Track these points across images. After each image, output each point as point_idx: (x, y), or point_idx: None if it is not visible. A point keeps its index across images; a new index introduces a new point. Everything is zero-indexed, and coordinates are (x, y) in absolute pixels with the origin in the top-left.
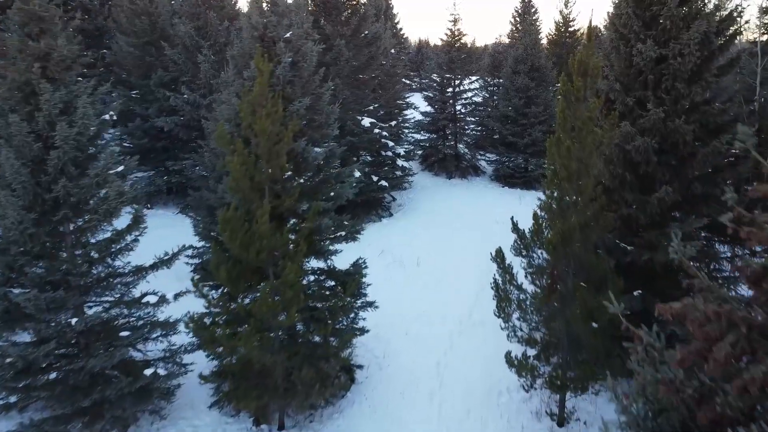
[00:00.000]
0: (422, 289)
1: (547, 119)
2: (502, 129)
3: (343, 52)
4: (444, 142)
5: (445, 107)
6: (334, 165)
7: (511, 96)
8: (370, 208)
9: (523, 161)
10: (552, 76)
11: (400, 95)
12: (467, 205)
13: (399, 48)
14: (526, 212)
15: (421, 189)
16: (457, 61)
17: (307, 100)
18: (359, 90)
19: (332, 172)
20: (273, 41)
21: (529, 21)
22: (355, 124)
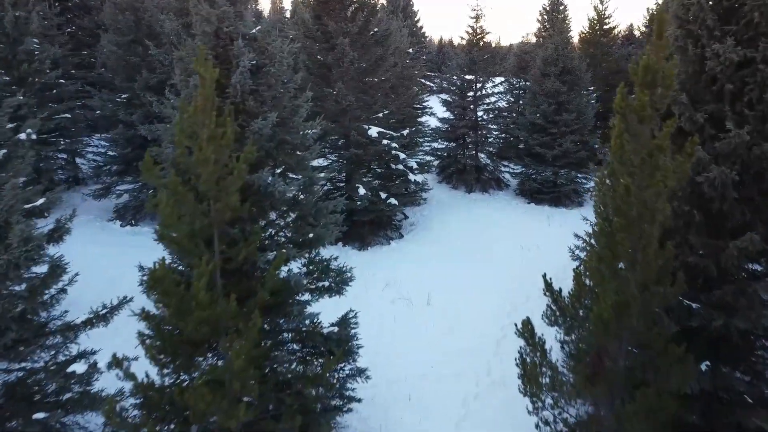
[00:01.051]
0: (432, 335)
1: (580, 128)
2: (529, 138)
3: (347, 51)
4: (464, 151)
5: (465, 113)
6: (314, 198)
7: (539, 101)
8: (378, 228)
9: (552, 175)
10: (586, 80)
11: (416, 99)
12: (488, 226)
13: (418, 47)
14: (555, 236)
15: (437, 205)
16: (479, 62)
17: (274, 115)
18: (366, 95)
19: (310, 209)
20: (230, 38)
21: (558, 19)
22: (361, 134)
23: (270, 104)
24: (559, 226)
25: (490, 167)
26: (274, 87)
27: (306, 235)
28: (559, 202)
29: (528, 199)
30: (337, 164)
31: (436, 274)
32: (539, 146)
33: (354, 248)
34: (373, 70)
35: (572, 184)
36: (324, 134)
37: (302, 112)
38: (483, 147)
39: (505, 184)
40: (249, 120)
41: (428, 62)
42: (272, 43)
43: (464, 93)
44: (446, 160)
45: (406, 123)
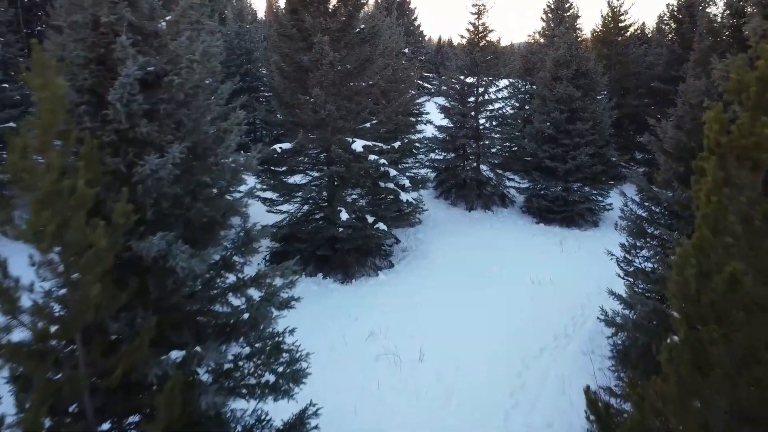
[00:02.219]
0: (424, 407)
1: (596, 139)
2: (538, 150)
3: (326, 51)
4: (463, 163)
5: (465, 120)
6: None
7: (549, 108)
8: (364, 257)
9: (564, 191)
10: (602, 84)
11: (410, 106)
12: (492, 253)
13: (415, 47)
14: (570, 265)
15: (434, 225)
16: (480, 64)
17: (177, 149)
18: (351, 102)
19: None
20: (114, 32)
21: (566, 17)
22: (344, 148)
23: (182, 131)
24: (574, 253)
25: (493, 181)
26: (186, 105)
27: (235, 319)
28: (572, 223)
29: (536, 218)
30: (319, 182)
31: (430, 317)
32: (549, 159)
33: (336, 281)
34: (359, 72)
35: (587, 203)
36: (301, 148)
37: (231, 141)
38: (485, 159)
39: (510, 201)
40: (136, 155)
41: (426, 63)
42: (175, 42)
43: (464, 98)
44: (444, 174)
45: (398, 133)
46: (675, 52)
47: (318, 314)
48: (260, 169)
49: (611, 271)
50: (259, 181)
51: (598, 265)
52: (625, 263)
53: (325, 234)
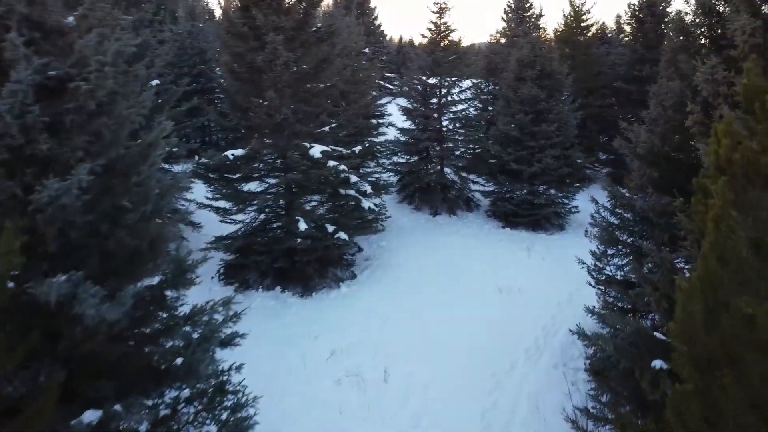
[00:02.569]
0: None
1: (562, 140)
2: (502, 152)
3: (280, 51)
4: (427, 166)
5: (428, 122)
6: None
7: (513, 110)
8: (325, 268)
9: (529, 195)
10: (567, 85)
11: (371, 108)
12: (458, 259)
13: (376, 47)
14: (538, 271)
15: (398, 232)
16: (443, 64)
17: (87, 171)
18: (308, 105)
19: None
20: (4, 27)
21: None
22: (302, 154)
23: (96, 146)
24: (542, 259)
25: (457, 185)
26: (101, 116)
27: (168, 364)
28: (538, 226)
29: (502, 222)
30: (276, 189)
31: (395, 332)
32: (515, 162)
33: (295, 294)
34: (316, 73)
35: (553, 206)
36: (255, 154)
37: (156, 156)
38: (449, 161)
39: (475, 204)
40: (42, 177)
41: (387, 63)
42: (84, 39)
43: (427, 99)
44: (407, 178)
45: (359, 137)
46: (637, 51)
47: (276, 333)
48: (212, 177)
49: (581, 277)
50: (211, 190)
51: (567, 272)
52: (596, 271)
53: (282, 245)
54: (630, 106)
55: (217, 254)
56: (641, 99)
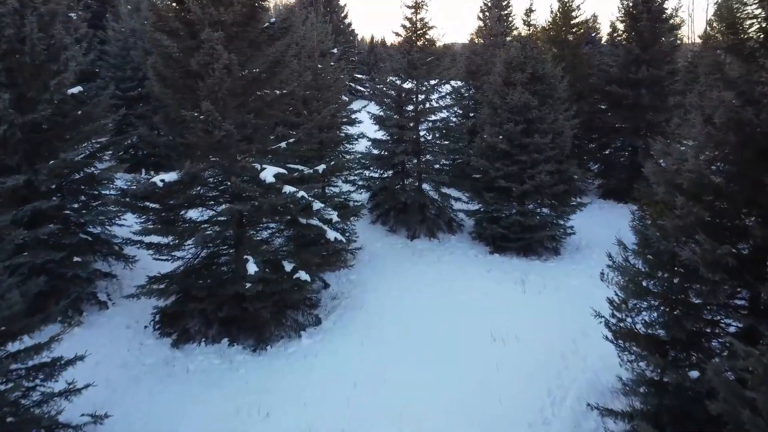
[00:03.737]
0: None
1: (556, 154)
2: (489, 168)
3: (219, 52)
4: (403, 182)
5: (403, 133)
6: None
7: (501, 119)
8: (282, 313)
9: (521, 216)
10: (562, 89)
11: (340, 117)
12: (442, 298)
13: (345, 47)
14: (536, 311)
15: (370, 261)
16: (420, 66)
17: None
18: (259, 117)
19: None
20: None
21: (500, 15)
22: (252, 178)
23: None
24: (539, 293)
25: (438, 203)
26: None
27: None
28: (531, 251)
29: (489, 246)
30: (222, 218)
31: (366, 405)
32: (503, 178)
33: (246, 348)
34: (269, 78)
35: (548, 228)
36: (192, 179)
37: None
38: (428, 177)
39: (458, 225)
40: None
41: (358, 64)
42: None
43: (402, 106)
44: (381, 195)
45: (325, 151)
46: (632, 52)
47: (214, 410)
48: (142, 206)
49: (584, 317)
50: (142, 221)
51: (569, 310)
52: (615, 320)
53: (229, 289)
54: (624, 112)
55: (148, 302)
56: (636, 104)
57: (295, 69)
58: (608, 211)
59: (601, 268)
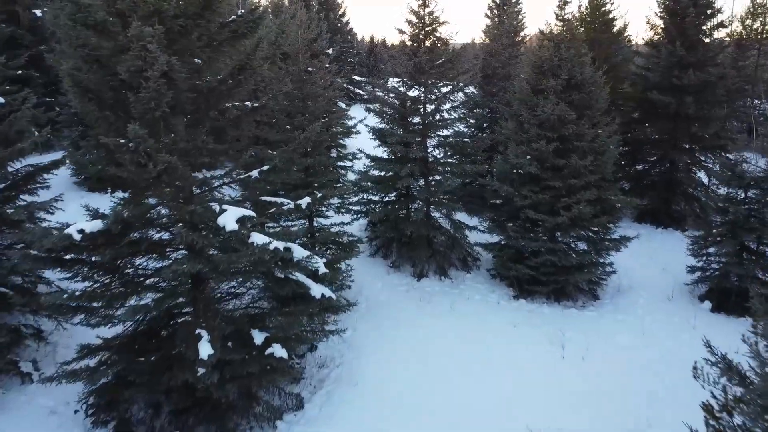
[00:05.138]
0: None
1: (602, 179)
2: (514, 195)
3: (153, 55)
4: (408, 208)
5: (408, 150)
6: None
7: (530, 136)
8: (251, 396)
9: (552, 254)
10: (604, 99)
11: (328, 135)
12: (459, 366)
13: (343, 46)
14: (584, 386)
15: (368, 310)
16: (429, 70)
17: None
18: (219, 140)
19: None
20: None
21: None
22: (206, 224)
23: None
24: (582, 360)
25: (449, 233)
26: None
27: None
28: (564, 295)
29: (513, 288)
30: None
31: None
32: (531, 208)
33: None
34: (231, 89)
35: (586, 270)
36: (122, 228)
37: None
38: (438, 203)
39: (473, 260)
40: None
41: (358, 65)
42: None
43: (407, 118)
44: (382, 226)
45: (311, 179)
46: (675, 54)
47: None
48: (60, 260)
49: (647, 398)
50: (66, 278)
51: (625, 387)
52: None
53: (176, 375)
54: (664, 122)
55: (74, 387)
56: (678, 113)
57: (275, 74)
58: (647, 239)
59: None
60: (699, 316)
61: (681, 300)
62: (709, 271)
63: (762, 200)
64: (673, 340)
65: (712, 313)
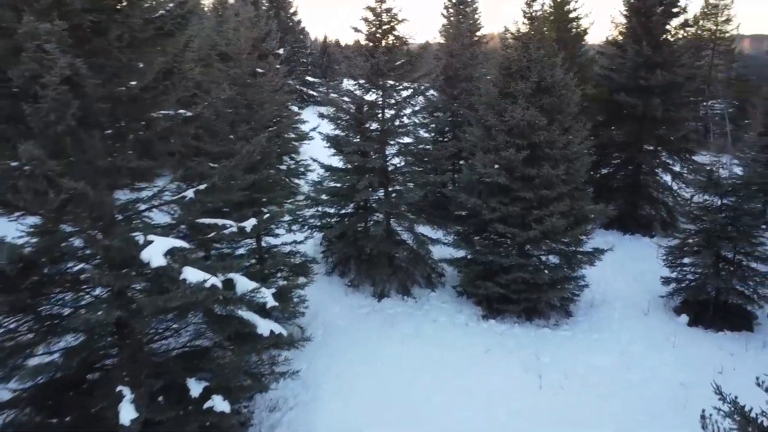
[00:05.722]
0: None
1: (574, 189)
2: (482, 207)
3: (53, 58)
4: (366, 222)
5: (366, 159)
6: None
7: (498, 143)
8: None
9: (524, 270)
10: (575, 102)
11: (277, 142)
12: (428, 403)
13: (295, 46)
14: (563, 421)
15: (325, 339)
16: (387, 72)
17: None
18: (148, 156)
19: None
20: None
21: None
22: (125, 259)
23: None
24: (561, 389)
25: (412, 248)
26: None
27: None
28: (535, 314)
29: (482, 308)
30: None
31: None
32: (501, 221)
33: None
34: (157, 97)
35: (559, 286)
36: (28, 266)
37: None
38: (400, 216)
39: (438, 275)
40: None
41: (312, 66)
42: None
43: (363, 124)
44: (338, 243)
45: (259, 196)
46: (641, 54)
47: None
48: None
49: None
50: None
51: (609, 417)
52: None
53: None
54: (631, 125)
55: None
56: (646, 115)
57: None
58: (616, 246)
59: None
60: (677, 332)
61: (657, 314)
62: (685, 282)
63: (739, 208)
64: (654, 359)
65: (689, 327)
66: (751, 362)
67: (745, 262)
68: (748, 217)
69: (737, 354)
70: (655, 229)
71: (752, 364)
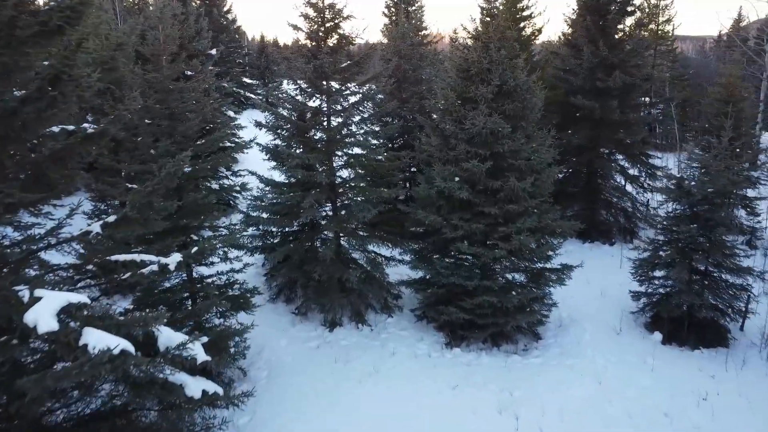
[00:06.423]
0: None
1: (543, 204)
2: (442, 225)
3: None
4: (313, 241)
5: (311, 172)
6: None
7: (458, 153)
8: None
9: (490, 293)
10: (538, 107)
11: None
12: None
13: (231, 46)
14: None
15: (269, 382)
16: (332, 75)
17: None
18: (36, 186)
19: None
20: None
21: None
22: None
23: None
24: (539, 429)
25: (366, 268)
26: None
27: None
28: (502, 338)
29: (444, 335)
30: None
31: None
32: (464, 240)
33: None
34: (40, 113)
35: (530, 307)
36: None
37: None
38: (351, 235)
39: (394, 298)
40: None
41: (249, 67)
42: None
43: (307, 134)
44: (283, 268)
45: (187, 221)
46: (597, 54)
47: None
48: None
49: None
50: None
51: None
52: None
53: None
54: (588, 129)
55: None
56: (603, 118)
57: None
58: (578, 256)
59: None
60: (653, 352)
61: (629, 332)
62: (656, 297)
63: (711, 218)
64: (633, 387)
65: (664, 345)
66: (733, 384)
67: (717, 274)
68: (723, 227)
69: (718, 375)
70: (615, 236)
71: (735, 386)
